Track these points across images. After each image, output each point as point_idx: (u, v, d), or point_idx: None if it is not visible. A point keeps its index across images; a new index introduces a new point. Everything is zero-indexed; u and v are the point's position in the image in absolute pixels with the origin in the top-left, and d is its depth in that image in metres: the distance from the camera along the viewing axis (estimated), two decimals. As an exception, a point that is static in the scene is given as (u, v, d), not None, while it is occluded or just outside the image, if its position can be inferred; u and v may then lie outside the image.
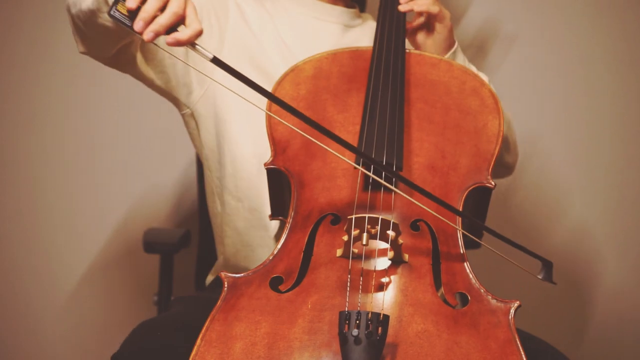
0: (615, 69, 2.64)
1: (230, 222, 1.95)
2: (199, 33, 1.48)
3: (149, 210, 2.59)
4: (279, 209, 1.75)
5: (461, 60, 1.95)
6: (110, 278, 2.60)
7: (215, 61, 1.47)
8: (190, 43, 1.48)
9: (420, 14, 1.91)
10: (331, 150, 1.55)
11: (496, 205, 2.66)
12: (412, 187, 1.55)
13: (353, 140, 1.69)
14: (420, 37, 1.93)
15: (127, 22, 1.48)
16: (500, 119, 1.75)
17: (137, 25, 1.47)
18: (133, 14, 1.48)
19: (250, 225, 1.92)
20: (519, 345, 1.47)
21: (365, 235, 1.48)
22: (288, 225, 1.63)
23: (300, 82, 1.80)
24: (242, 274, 1.56)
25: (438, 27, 1.91)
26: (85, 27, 1.70)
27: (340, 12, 2.00)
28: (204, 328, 1.48)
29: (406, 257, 1.55)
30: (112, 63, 1.83)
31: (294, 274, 1.55)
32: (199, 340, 1.46)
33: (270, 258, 1.59)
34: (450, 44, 1.93)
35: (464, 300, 1.53)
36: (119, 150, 2.58)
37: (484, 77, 1.93)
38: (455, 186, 1.66)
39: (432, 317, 1.48)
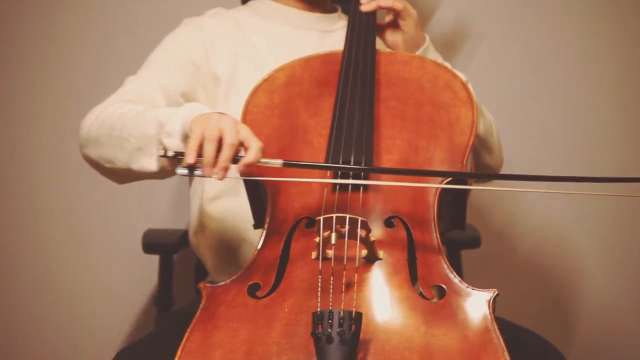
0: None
1: (212, 245, 1.96)
2: (262, 148, 1.55)
3: (149, 210, 2.61)
4: (261, 218, 1.76)
5: (432, 57, 1.95)
6: (110, 278, 2.61)
7: (287, 164, 1.55)
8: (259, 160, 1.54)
9: (388, 12, 1.92)
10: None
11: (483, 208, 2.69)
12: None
13: (324, 143, 1.70)
14: (390, 35, 1.94)
15: (195, 172, 1.54)
16: (473, 111, 1.75)
17: (206, 172, 1.53)
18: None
19: (235, 244, 1.93)
20: (498, 333, 1.47)
21: (333, 235, 1.48)
22: (264, 232, 1.65)
23: (273, 90, 1.81)
24: (220, 283, 1.58)
25: (404, 24, 1.91)
26: (126, 177, 1.76)
27: (318, 19, 2.01)
28: (184, 339, 1.49)
29: (381, 254, 1.55)
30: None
31: (271, 280, 1.56)
32: (179, 352, 1.48)
33: (248, 265, 1.61)
34: (420, 41, 1.93)
35: (441, 293, 1.53)
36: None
37: (462, 77, 1.94)
38: (431, 180, 1.66)
39: (408, 312, 1.49)
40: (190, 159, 1.53)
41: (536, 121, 2.64)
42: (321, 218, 1.50)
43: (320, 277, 1.49)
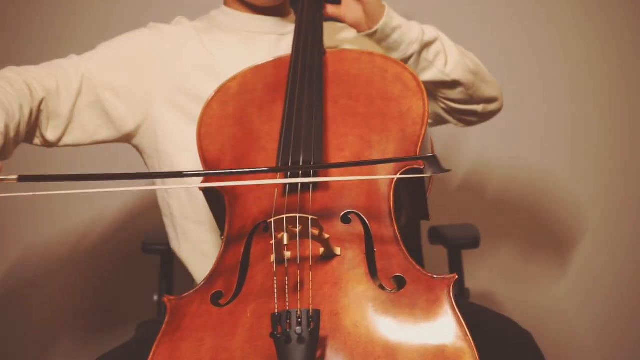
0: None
1: (195, 249, 1.98)
2: None
3: (150, 210, 2.62)
4: (223, 227, 1.77)
5: (398, 19, 1.94)
6: (111, 278, 2.63)
7: (22, 179, 1.52)
8: None
9: None
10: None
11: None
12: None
13: (277, 147, 1.71)
14: (351, 15, 1.94)
15: None
16: (424, 100, 1.75)
17: None
18: None
19: (217, 246, 1.94)
20: (460, 317, 1.47)
21: (285, 235, 1.49)
22: (225, 240, 1.66)
23: (227, 100, 1.82)
24: (184, 295, 1.59)
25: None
26: None
27: (273, 23, 2.02)
28: (151, 353, 1.51)
29: (338, 250, 1.56)
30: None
31: (233, 286, 1.57)
32: (146, 366, 1.49)
33: (210, 274, 1.62)
34: (381, 9, 1.93)
35: (401, 283, 1.53)
36: (119, 149, 2.62)
37: (431, 27, 1.96)
38: (385, 172, 1.66)
39: (369, 305, 1.49)
40: None
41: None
42: (272, 220, 1.51)
43: (275, 278, 1.50)
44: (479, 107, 2.05)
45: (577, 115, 2.72)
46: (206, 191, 1.72)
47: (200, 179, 1.68)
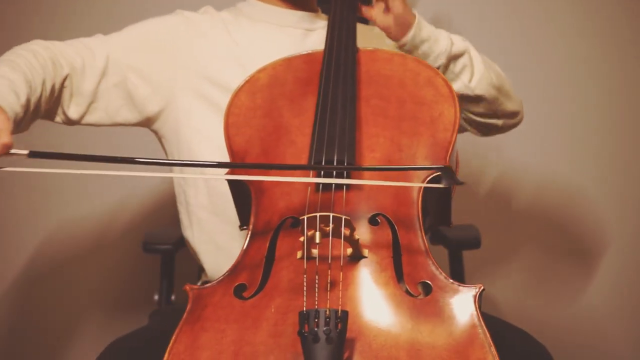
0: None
1: (209, 240, 1.97)
2: (6, 147, 1.55)
3: (150, 210, 2.61)
4: (246, 219, 1.76)
5: (428, 29, 1.93)
6: (111, 278, 2.62)
7: (33, 155, 1.53)
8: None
9: None
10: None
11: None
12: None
13: (308, 143, 1.71)
14: (381, 20, 1.92)
15: None
16: (455, 107, 1.75)
17: None
18: None
19: (231, 238, 1.94)
20: (485, 329, 1.47)
21: (317, 234, 1.49)
22: (249, 233, 1.65)
23: (255, 91, 1.81)
24: (206, 285, 1.58)
25: (391, 4, 1.90)
26: None
27: (300, 17, 2.02)
28: (171, 341, 1.50)
29: (365, 252, 1.56)
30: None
31: (257, 280, 1.56)
32: (166, 354, 1.48)
33: (234, 266, 1.61)
34: (410, 18, 1.91)
35: (427, 290, 1.53)
36: (120, 149, 2.61)
37: (459, 38, 1.96)
38: (415, 177, 1.66)
39: (394, 309, 1.49)
40: None
41: (538, 118, 2.65)
42: (305, 217, 1.50)
43: (305, 276, 1.49)
44: (499, 122, 2.05)
45: (577, 116, 2.72)
46: (231, 181, 1.71)
47: (224, 170, 1.68)
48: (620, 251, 2.73)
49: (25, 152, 1.53)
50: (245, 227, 1.73)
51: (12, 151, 1.55)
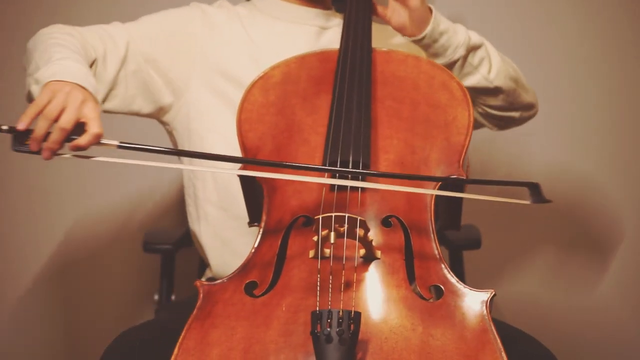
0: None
1: (215, 235, 1.96)
2: (97, 137, 1.55)
3: (150, 209, 2.60)
4: (256, 215, 1.75)
5: (446, 23, 1.92)
6: (111, 278, 2.61)
7: (122, 147, 1.54)
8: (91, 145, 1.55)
9: None
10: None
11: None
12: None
13: (321, 141, 1.70)
14: (396, 19, 1.92)
15: (22, 147, 1.54)
16: (469, 110, 1.75)
17: (32, 146, 1.54)
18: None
19: (238, 234, 1.93)
20: (495, 334, 1.47)
21: (332, 234, 1.48)
22: (261, 230, 1.64)
23: (269, 88, 1.81)
24: (217, 281, 1.58)
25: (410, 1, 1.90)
26: None
27: (315, 15, 2.01)
28: (181, 337, 1.49)
29: (378, 253, 1.55)
30: None
31: (268, 278, 1.56)
32: (176, 350, 1.48)
33: (245, 263, 1.60)
34: (427, 15, 1.90)
35: (439, 293, 1.53)
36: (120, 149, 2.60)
37: (475, 33, 1.95)
38: (426, 184, 1.66)
39: (406, 312, 1.49)
40: (20, 125, 1.53)
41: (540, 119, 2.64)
42: (320, 217, 1.50)
43: (319, 276, 1.49)
44: (516, 114, 2.04)
45: (577, 115, 2.72)
46: (243, 177, 1.71)
47: (235, 166, 1.68)
48: (623, 254, 2.73)
49: (115, 142, 1.54)
50: (255, 223, 1.72)
51: (103, 141, 1.54)
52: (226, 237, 1.94)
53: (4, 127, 1.53)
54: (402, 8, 1.92)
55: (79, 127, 1.55)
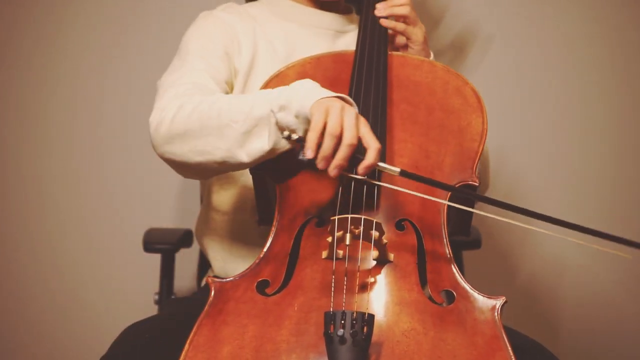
0: (603, 67, 2.64)
1: (217, 238, 1.96)
2: (379, 151, 1.53)
3: (150, 209, 2.60)
4: (266, 215, 1.75)
5: None
6: (110, 277, 2.60)
7: (403, 174, 1.53)
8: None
9: (397, 19, 1.92)
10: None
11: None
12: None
13: None
14: (396, 44, 1.93)
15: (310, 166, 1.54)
16: (483, 117, 1.75)
17: (320, 165, 1.52)
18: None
19: (242, 236, 1.93)
20: (506, 341, 1.48)
21: (348, 235, 1.48)
22: (274, 229, 1.64)
23: None
24: (229, 279, 1.58)
25: (412, 38, 1.91)
26: (216, 170, 1.69)
27: (332, 19, 2.00)
28: (192, 333, 1.49)
29: (391, 256, 1.56)
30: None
31: (280, 277, 1.56)
32: (187, 346, 1.47)
33: (257, 262, 1.60)
34: (425, 57, 1.93)
35: (450, 298, 1.54)
36: (120, 148, 2.59)
37: None
38: (439, 192, 1.66)
39: (418, 316, 1.49)
40: (309, 153, 1.51)
41: (549, 123, 2.64)
42: (336, 218, 1.50)
43: (333, 277, 1.49)
44: None
45: (580, 117, 2.71)
46: (256, 175, 1.71)
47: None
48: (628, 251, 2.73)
49: (397, 170, 1.53)
50: (266, 223, 1.72)
51: (384, 165, 1.54)
52: (230, 239, 1.94)
53: (294, 137, 1.55)
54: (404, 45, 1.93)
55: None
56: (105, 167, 2.59)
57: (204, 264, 2.26)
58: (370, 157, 1.52)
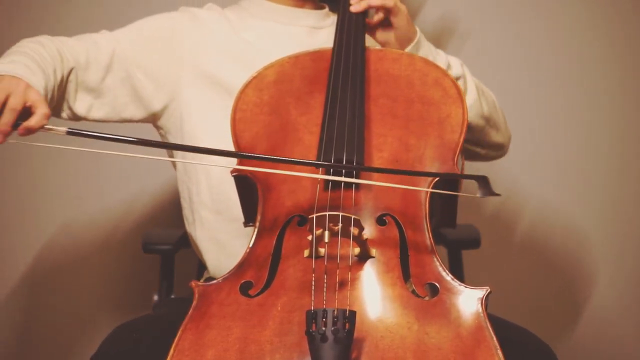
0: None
1: (211, 237, 1.96)
2: (46, 116, 1.60)
3: (150, 210, 2.60)
4: (251, 216, 1.75)
5: (426, 49, 1.94)
6: (110, 278, 2.61)
7: (71, 133, 1.56)
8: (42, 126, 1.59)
9: (377, 10, 1.92)
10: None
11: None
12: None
13: (315, 141, 1.70)
14: (381, 33, 1.93)
15: None
16: (463, 108, 1.75)
17: None
18: None
19: (233, 236, 1.93)
20: (491, 331, 1.47)
21: (326, 233, 1.48)
22: (256, 230, 1.64)
23: (263, 87, 1.81)
24: (212, 282, 1.58)
25: (395, 21, 1.91)
26: None
27: (306, 15, 2.01)
28: (176, 338, 1.49)
29: (373, 252, 1.55)
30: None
31: (264, 278, 1.56)
32: (171, 350, 1.48)
33: (240, 263, 1.60)
34: (411, 36, 1.92)
35: (434, 291, 1.53)
36: (120, 149, 2.60)
37: (456, 61, 1.97)
38: (422, 178, 1.66)
39: (401, 310, 1.49)
40: None
41: (527, 117, 2.64)
42: (314, 216, 1.50)
43: (313, 275, 1.49)
44: (482, 151, 2.05)
45: (580, 117, 2.71)
46: (238, 177, 1.71)
47: (232, 162, 1.67)
48: (626, 251, 2.72)
49: (64, 129, 1.56)
50: (250, 224, 1.72)
51: (50, 126, 1.58)
52: (222, 240, 1.94)
53: None
54: (388, 27, 1.93)
55: (27, 113, 1.60)
56: (105, 167, 2.60)
57: (203, 265, 2.26)
58: (32, 119, 1.59)
